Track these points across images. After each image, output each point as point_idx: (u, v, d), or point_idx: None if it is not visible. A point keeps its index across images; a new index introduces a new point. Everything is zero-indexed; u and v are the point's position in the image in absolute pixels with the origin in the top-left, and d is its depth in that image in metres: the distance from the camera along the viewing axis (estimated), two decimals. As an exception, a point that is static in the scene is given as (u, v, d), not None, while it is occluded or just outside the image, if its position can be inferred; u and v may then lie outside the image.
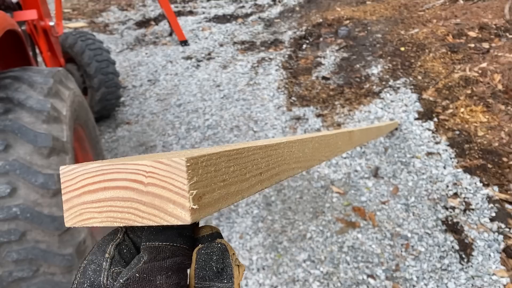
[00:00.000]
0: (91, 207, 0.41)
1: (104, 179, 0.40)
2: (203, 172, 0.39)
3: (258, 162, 0.54)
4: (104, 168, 0.40)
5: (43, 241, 1.76)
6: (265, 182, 0.56)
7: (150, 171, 0.38)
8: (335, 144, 1.16)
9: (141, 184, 0.39)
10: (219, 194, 0.42)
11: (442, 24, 4.55)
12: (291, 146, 0.69)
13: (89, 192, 0.41)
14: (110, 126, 3.91)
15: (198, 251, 0.41)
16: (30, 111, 1.81)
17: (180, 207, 0.37)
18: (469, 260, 2.37)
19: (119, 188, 0.40)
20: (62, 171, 0.44)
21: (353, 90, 3.92)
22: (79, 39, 3.62)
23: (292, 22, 5.50)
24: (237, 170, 0.47)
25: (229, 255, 0.41)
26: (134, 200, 0.39)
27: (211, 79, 4.49)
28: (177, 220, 0.37)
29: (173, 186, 0.37)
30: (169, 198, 0.38)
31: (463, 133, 3.17)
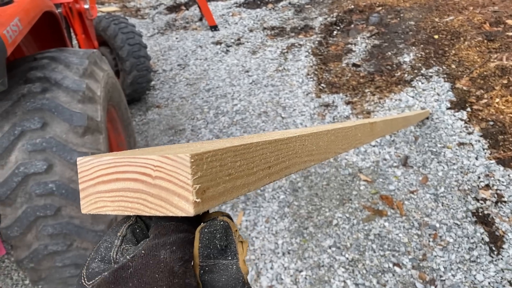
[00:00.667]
0: (105, 196, 0.44)
1: (116, 171, 0.43)
2: (207, 167, 0.42)
3: (267, 156, 0.55)
4: (117, 160, 0.43)
5: (77, 217, 1.82)
6: (274, 176, 0.57)
7: (158, 165, 0.41)
8: (353, 136, 1.15)
9: (149, 177, 0.41)
10: (224, 187, 0.44)
11: (479, 11, 4.41)
12: (304, 139, 0.70)
13: (103, 182, 0.44)
14: (141, 109, 3.97)
15: (201, 230, 0.41)
16: (66, 91, 1.86)
17: (184, 200, 0.40)
18: (499, 253, 2.32)
19: (130, 180, 0.43)
20: (79, 162, 0.46)
21: (384, 78, 3.86)
22: (112, 23, 3.67)
23: (323, 8, 5.43)
24: (243, 164, 0.49)
25: (232, 232, 0.42)
26: (143, 191, 0.42)
27: (240, 64, 4.49)
28: (181, 212, 0.40)
29: (178, 180, 0.40)
30: (174, 191, 0.40)
31: (497, 124, 3.08)
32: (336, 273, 2.34)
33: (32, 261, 1.85)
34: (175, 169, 0.40)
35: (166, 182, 0.40)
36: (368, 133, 1.46)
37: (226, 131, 3.54)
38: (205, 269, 0.40)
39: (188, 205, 0.39)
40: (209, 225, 0.42)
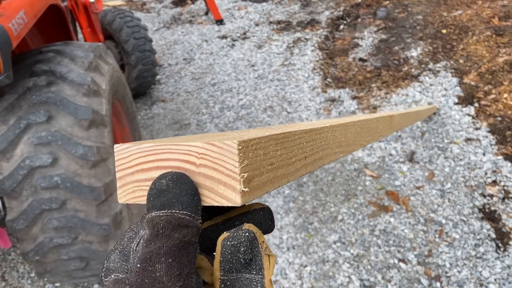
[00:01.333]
0: (144, 185, 0.42)
1: (157, 158, 0.41)
2: (253, 155, 0.40)
3: (304, 146, 0.54)
4: (158, 148, 0.41)
5: (82, 210, 1.82)
6: (309, 166, 0.56)
7: (202, 153, 0.39)
8: (375, 128, 1.14)
9: (193, 165, 0.40)
10: (267, 177, 0.43)
11: (488, 5, 4.36)
12: (334, 130, 0.69)
13: (142, 170, 0.42)
14: (146, 103, 3.97)
15: (223, 242, 0.38)
16: (71, 84, 1.86)
17: (231, 189, 0.38)
18: (505, 249, 2.30)
19: (172, 168, 0.41)
20: (116, 149, 0.44)
21: (391, 72, 3.83)
22: (118, 16, 3.67)
23: (329, 2, 5.39)
24: (284, 154, 0.47)
25: (258, 243, 0.38)
26: None
27: (246, 58, 4.47)
28: (227, 201, 0.38)
29: (225, 168, 0.38)
30: (220, 180, 0.38)
31: (505, 119, 3.05)
32: (340, 269, 2.33)
33: (37, 254, 1.85)
34: (221, 156, 0.38)
35: (211, 170, 0.39)
36: (388, 126, 1.46)
37: (232, 126, 3.53)
38: (226, 283, 0.37)
39: (235, 195, 0.38)
40: (232, 237, 0.37)
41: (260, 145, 0.41)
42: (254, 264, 0.37)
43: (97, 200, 1.82)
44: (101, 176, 1.84)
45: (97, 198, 1.82)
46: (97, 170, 1.82)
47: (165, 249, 0.35)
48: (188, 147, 0.40)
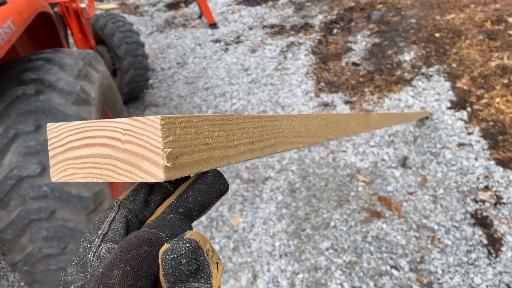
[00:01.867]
0: (74, 163, 0.43)
1: (85, 136, 0.42)
2: (181, 132, 0.40)
3: (250, 131, 0.54)
4: (86, 125, 0.42)
5: (71, 220, 1.81)
6: (257, 152, 0.56)
7: (127, 129, 0.39)
8: (346, 124, 1.15)
9: (118, 141, 0.40)
10: (199, 156, 0.43)
11: (480, 9, 4.38)
12: (291, 120, 0.69)
13: (72, 148, 0.43)
14: (139, 108, 3.96)
15: (163, 256, 0.34)
16: (60, 93, 1.85)
17: (155, 165, 0.38)
18: (497, 256, 2.31)
19: (99, 146, 0.41)
20: (49, 128, 0.45)
21: (384, 77, 3.83)
22: (110, 21, 3.65)
23: (323, 6, 5.39)
24: (223, 135, 0.47)
25: (203, 251, 0.35)
26: (112, 157, 0.40)
27: (239, 63, 4.46)
28: (151, 177, 0.38)
29: (149, 144, 0.38)
30: (144, 156, 0.38)
31: (497, 124, 3.06)
32: (333, 276, 2.33)
33: (26, 264, 1.84)
34: (145, 132, 0.38)
35: (136, 146, 0.39)
36: (362, 124, 1.45)
37: (225, 131, 3.52)
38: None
39: (158, 170, 0.38)
40: (172, 250, 0.34)
41: (191, 123, 0.42)
42: (201, 272, 0.35)
43: (87, 209, 1.81)
44: (90, 185, 1.83)
45: (86, 207, 1.81)
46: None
47: (128, 256, 0.34)
48: (114, 123, 0.40)
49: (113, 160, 0.40)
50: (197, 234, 0.36)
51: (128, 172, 0.39)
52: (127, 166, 0.39)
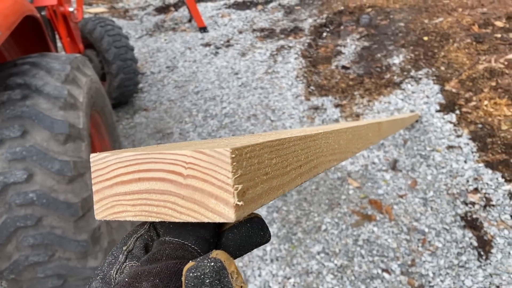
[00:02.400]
0: (124, 199, 0.39)
1: (138, 169, 0.38)
2: (247, 164, 0.36)
3: (298, 154, 0.50)
4: (139, 157, 0.38)
5: (58, 227, 1.78)
6: (305, 176, 0.52)
7: (191, 162, 0.35)
8: (366, 135, 1.12)
9: (180, 176, 0.36)
10: (262, 188, 0.39)
11: (467, 13, 4.42)
12: (327, 137, 0.66)
13: (122, 183, 0.39)
14: (128, 113, 3.93)
15: (186, 273, 0.33)
16: (47, 98, 1.82)
17: (223, 203, 0.34)
18: (487, 258, 2.31)
19: (155, 180, 0.37)
20: (92, 159, 0.41)
21: (373, 80, 3.85)
22: (98, 25, 3.62)
23: (312, 10, 5.41)
24: (279, 162, 0.43)
25: (228, 273, 0.33)
26: (172, 193, 0.37)
27: (230, 66, 4.46)
28: (219, 217, 0.35)
29: (216, 179, 0.35)
30: (210, 193, 0.35)
31: (486, 126, 3.08)
32: (324, 280, 2.32)
33: (12, 272, 1.80)
34: (212, 166, 0.34)
35: (200, 181, 0.35)
36: (377, 134, 1.43)
37: (215, 135, 3.50)
38: None
39: (227, 209, 0.34)
40: (196, 268, 0.33)
41: (254, 153, 0.38)
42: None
43: (74, 216, 1.79)
44: (78, 191, 1.80)
45: (74, 214, 1.78)
46: (74, 186, 1.79)
47: (157, 269, 0.34)
48: (174, 155, 0.36)
49: (172, 197, 0.36)
50: (223, 254, 0.34)
51: (191, 210, 0.36)
52: (189, 204, 0.36)
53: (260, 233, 0.40)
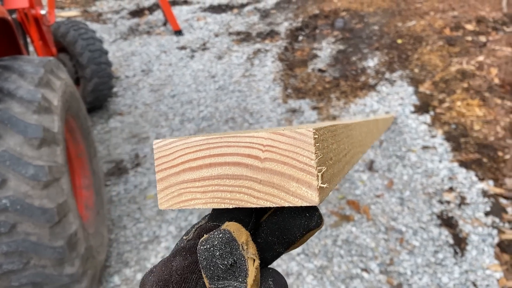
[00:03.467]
0: (193, 186, 0.37)
1: (209, 154, 0.37)
2: (321, 147, 0.35)
3: (344, 142, 0.49)
4: (211, 141, 0.36)
5: (33, 234, 1.73)
6: (349, 164, 0.51)
7: (269, 145, 0.34)
8: (372, 131, 1.12)
9: (256, 159, 0.35)
10: (330, 174, 0.37)
11: (439, 16, 4.53)
12: (356, 128, 0.65)
13: (190, 169, 0.37)
14: (102, 117, 3.87)
15: (198, 247, 0.34)
16: (20, 101, 1.77)
17: (306, 186, 0.33)
18: (463, 255, 2.36)
19: (229, 165, 0.36)
20: (156, 145, 0.39)
21: (349, 83, 3.89)
22: (72, 29, 3.56)
23: (288, 13, 5.45)
24: (336, 148, 0.42)
25: (238, 244, 0.33)
26: (248, 178, 0.35)
27: (206, 70, 4.44)
28: (301, 200, 0.34)
29: (298, 161, 0.34)
30: (291, 176, 0.34)
31: (459, 126, 3.16)
32: (304, 281, 2.32)
33: (-15, 281, 1.75)
34: (293, 148, 0.33)
35: (280, 164, 0.34)
36: (377, 130, 1.44)
37: (192, 138, 3.47)
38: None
39: (311, 192, 0.33)
40: (206, 240, 0.33)
41: (324, 136, 0.37)
42: (238, 269, 0.33)
43: (50, 222, 1.74)
44: (54, 196, 1.76)
45: (50, 220, 1.74)
46: (49, 191, 1.74)
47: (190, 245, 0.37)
48: (251, 138, 0.35)
49: (248, 181, 0.35)
50: (234, 225, 0.34)
51: (269, 195, 0.35)
52: (267, 188, 0.35)
53: (305, 214, 0.37)
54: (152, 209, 2.80)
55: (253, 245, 0.34)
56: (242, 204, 0.36)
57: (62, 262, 1.82)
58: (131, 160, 3.26)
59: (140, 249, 2.55)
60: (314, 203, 0.33)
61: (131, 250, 2.55)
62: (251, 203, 0.35)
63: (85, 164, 2.45)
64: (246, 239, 0.34)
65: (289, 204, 0.34)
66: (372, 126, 1.12)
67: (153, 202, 2.86)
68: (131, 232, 2.67)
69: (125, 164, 3.22)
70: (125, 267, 2.45)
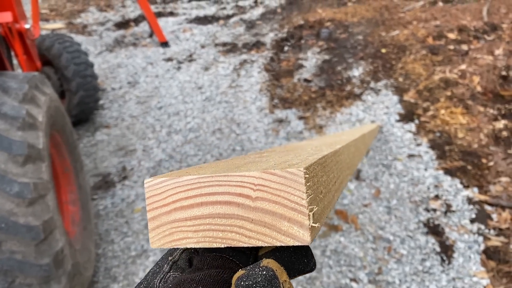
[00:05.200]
0: (184, 225, 0.37)
1: (200, 193, 0.36)
2: (313, 183, 0.35)
3: (333, 169, 0.49)
4: (202, 180, 0.36)
5: (19, 252, 1.71)
6: (338, 192, 0.51)
7: (260, 184, 0.34)
8: (359, 148, 1.13)
9: (248, 198, 0.35)
10: (320, 209, 0.37)
11: (422, 26, 4.60)
12: (344, 151, 0.65)
13: (181, 208, 0.37)
14: (89, 130, 3.84)
15: (237, 282, 0.32)
16: (4, 118, 1.76)
17: (297, 225, 0.33)
18: (450, 262, 2.38)
19: (220, 204, 0.36)
20: (147, 184, 0.39)
21: (335, 92, 3.93)
22: (57, 42, 3.54)
23: (273, 24, 5.49)
24: (326, 180, 0.42)
25: (279, 282, 0.32)
26: (239, 217, 0.35)
27: (193, 81, 4.45)
28: (293, 240, 0.34)
29: (289, 201, 0.34)
30: (283, 215, 0.34)
31: (443, 134, 3.20)
32: (294, 292, 2.32)
33: (-31, 302, 1.71)
34: (284, 187, 0.33)
35: (271, 204, 0.34)
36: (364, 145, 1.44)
37: (180, 150, 3.47)
38: None
39: (302, 232, 0.33)
40: (247, 276, 0.32)
41: (315, 171, 0.36)
42: None
43: (36, 240, 1.72)
44: (39, 213, 1.74)
45: (35, 238, 1.72)
46: (34, 208, 1.72)
47: (200, 277, 0.34)
48: (242, 177, 0.35)
49: (240, 220, 0.35)
50: (274, 263, 0.34)
51: (261, 234, 0.34)
52: (259, 227, 0.34)
53: (303, 260, 0.38)
54: (140, 223, 2.78)
55: (291, 284, 0.34)
56: (234, 243, 0.36)
57: (48, 280, 1.80)
58: (118, 173, 3.24)
59: (128, 263, 2.53)
60: (306, 242, 0.34)
61: (119, 265, 2.52)
62: (243, 242, 0.35)
63: (71, 179, 2.43)
64: (287, 277, 0.34)
65: (281, 243, 0.34)
66: (360, 143, 1.13)
67: (140, 216, 2.84)
68: (119, 247, 2.64)
69: (112, 177, 3.20)
70: (113, 282, 2.43)
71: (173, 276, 0.39)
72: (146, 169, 3.22)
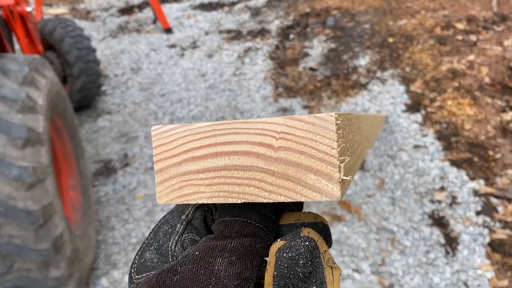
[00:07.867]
0: (196, 178, 0.33)
1: (216, 142, 0.32)
2: (343, 134, 0.31)
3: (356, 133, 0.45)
4: (217, 128, 0.32)
5: (17, 236, 1.69)
6: (360, 159, 0.47)
7: (283, 131, 0.31)
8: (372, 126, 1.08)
9: (269, 148, 0.31)
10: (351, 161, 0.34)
11: (430, 15, 4.52)
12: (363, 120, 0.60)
13: (193, 159, 0.33)
14: (91, 116, 3.81)
15: (278, 254, 0.30)
16: (3, 101, 1.72)
17: (326, 178, 0.29)
18: (454, 254, 2.35)
19: (238, 154, 0.32)
20: (154, 132, 0.35)
21: (340, 81, 3.87)
22: (59, 26, 3.49)
23: (279, 11, 5.42)
24: (351, 139, 0.38)
25: (320, 253, 0.30)
26: (259, 169, 0.31)
27: (196, 68, 4.40)
28: (320, 195, 0.30)
29: (317, 150, 0.30)
30: (309, 167, 0.30)
31: (450, 126, 3.15)
32: (296, 282, 2.30)
33: (-33, 286, 1.70)
34: (311, 135, 0.29)
35: (296, 154, 0.30)
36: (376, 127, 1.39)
37: (182, 138, 3.43)
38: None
39: (331, 186, 0.29)
40: (289, 247, 0.30)
41: (343, 123, 0.32)
42: (314, 277, 0.30)
43: (35, 224, 1.70)
44: (39, 198, 1.71)
45: (34, 222, 1.69)
46: (34, 192, 1.70)
47: (232, 246, 0.31)
48: (263, 124, 0.31)
49: (260, 173, 0.31)
50: (314, 233, 0.31)
51: (283, 188, 0.31)
52: (281, 180, 0.31)
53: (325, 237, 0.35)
54: (141, 210, 2.76)
55: (330, 255, 0.32)
56: (251, 198, 0.32)
57: (47, 265, 1.78)
58: (120, 160, 3.21)
59: (129, 250, 2.51)
60: (336, 198, 0.30)
61: (120, 252, 2.50)
62: (262, 198, 0.32)
63: (72, 164, 2.40)
64: (326, 248, 0.31)
65: (306, 199, 0.31)
66: (373, 122, 1.09)
67: (142, 203, 2.81)
68: (119, 233, 2.62)
69: (113, 164, 3.17)
70: (113, 269, 2.41)
71: (189, 238, 0.35)
72: (148, 156, 3.19)
